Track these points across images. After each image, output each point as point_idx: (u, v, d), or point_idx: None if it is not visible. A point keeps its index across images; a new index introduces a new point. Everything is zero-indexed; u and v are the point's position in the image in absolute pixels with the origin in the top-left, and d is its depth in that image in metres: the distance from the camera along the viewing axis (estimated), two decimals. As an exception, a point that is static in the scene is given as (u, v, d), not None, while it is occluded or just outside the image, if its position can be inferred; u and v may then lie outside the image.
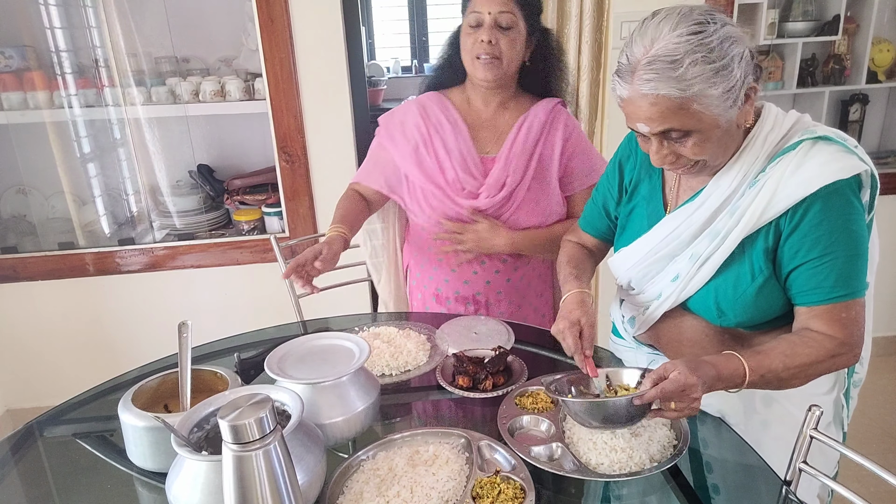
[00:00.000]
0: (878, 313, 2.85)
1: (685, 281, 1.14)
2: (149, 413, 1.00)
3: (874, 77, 2.65)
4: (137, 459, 1.04)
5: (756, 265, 1.07)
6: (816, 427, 1.02)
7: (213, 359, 1.43)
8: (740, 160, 1.07)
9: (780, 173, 1.03)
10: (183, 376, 1.10)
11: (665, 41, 0.95)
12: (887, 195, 2.70)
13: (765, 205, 1.03)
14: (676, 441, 1.03)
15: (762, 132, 1.06)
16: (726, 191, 1.08)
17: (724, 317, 1.13)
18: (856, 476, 1.11)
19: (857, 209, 1.02)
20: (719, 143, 1.02)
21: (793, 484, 1.05)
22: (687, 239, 1.13)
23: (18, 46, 2.42)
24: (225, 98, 2.48)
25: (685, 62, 0.93)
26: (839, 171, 1.00)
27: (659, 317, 1.22)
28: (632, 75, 0.98)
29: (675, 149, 1.03)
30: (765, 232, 1.06)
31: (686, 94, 0.94)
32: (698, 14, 0.97)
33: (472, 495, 0.92)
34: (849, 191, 1.01)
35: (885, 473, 0.95)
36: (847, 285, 1.02)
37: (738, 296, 1.09)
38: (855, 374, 1.19)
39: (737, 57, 0.95)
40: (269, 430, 0.74)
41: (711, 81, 0.94)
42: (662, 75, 0.94)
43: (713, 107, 0.96)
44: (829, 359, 1.01)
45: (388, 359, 1.32)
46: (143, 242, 2.53)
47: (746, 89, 0.99)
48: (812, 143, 1.03)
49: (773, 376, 0.99)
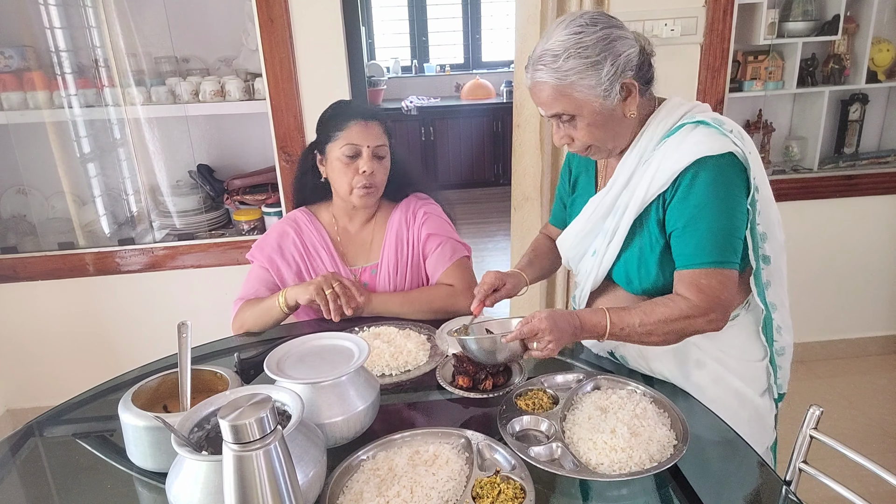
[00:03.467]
0: (878, 313, 2.88)
1: (600, 256, 1.29)
2: (149, 413, 1.00)
3: (874, 77, 2.66)
4: (137, 459, 1.04)
5: (653, 236, 1.21)
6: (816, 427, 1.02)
7: (213, 359, 1.43)
8: (639, 145, 1.22)
9: (663, 153, 1.18)
10: (183, 376, 1.10)
11: (553, 39, 1.14)
12: (887, 195, 2.71)
13: (649, 181, 1.18)
14: (676, 441, 1.03)
15: (656, 120, 1.22)
16: (627, 172, 1.23)
17: (631, 284, 1.28)
18: (856, 476, 1.11)
19: (730, 185, 1.13)
20: (605, 129, 1.19)
21: (793, 484, 1.05)
22: (601, 217, 1.28)
23: (18, 46, 2.42)
24: (225, 98, 2.48)
25: (562, 56, 1.12)
26: (708, 149, 1.12)
27: (588, 291, 1.35)
28: (530, 67, 1.17)
29: (568, 131, 1.20)
30: (655, 205, 1.20)
31: (563, 82, 1.13)
32: (586, 18, 1.14)
33: (472, 495, 0.92)
34: (718, 168, 1.12)
35: (885, 473, 0.95)
36: (705, 254, 1.13)
37: (642, 265, 1.24)
38: (775, 343, 1.28)
39: (610, 56, 1.12)
40: (269, 430, 0.74)
41: (585, 73, 1.12)
42: (547, 67, 1.13)
43: (588, 95, 1.14)
44: (683, 318, 1.13)
45: (388, 359, 1.32)
46: (143, 242, 2.53)
47: (622, 83, 1.13)
48: (692, 127, 1.17)
49: (630, 330, 1.14)
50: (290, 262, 1.63)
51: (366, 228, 1.69)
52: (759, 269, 1.22)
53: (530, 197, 2.46)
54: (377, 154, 1.56)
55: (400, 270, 1.65)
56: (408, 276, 1.65)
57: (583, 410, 1.11)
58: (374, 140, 1.55)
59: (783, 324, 1.28)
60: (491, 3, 5.71)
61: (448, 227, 1.69)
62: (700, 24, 2.37)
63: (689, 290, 1.14)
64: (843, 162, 2.73)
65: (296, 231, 1.65)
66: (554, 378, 1.23)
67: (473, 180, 5.57)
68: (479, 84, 5.49)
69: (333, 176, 1.59)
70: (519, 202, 2.49)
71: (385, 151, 1.58)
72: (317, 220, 1.68)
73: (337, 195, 1.64)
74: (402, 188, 1.71)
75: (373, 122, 1.56)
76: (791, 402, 2.58)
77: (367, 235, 1.68)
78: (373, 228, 1.69)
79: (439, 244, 1.63)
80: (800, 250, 2.77)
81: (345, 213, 1.67)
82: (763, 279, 1.23)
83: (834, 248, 2.77)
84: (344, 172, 1.56)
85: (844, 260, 2.80)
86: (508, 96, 5.33)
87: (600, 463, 0.98)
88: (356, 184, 1.55)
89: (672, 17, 2.33)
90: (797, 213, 2.70)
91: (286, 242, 1.64)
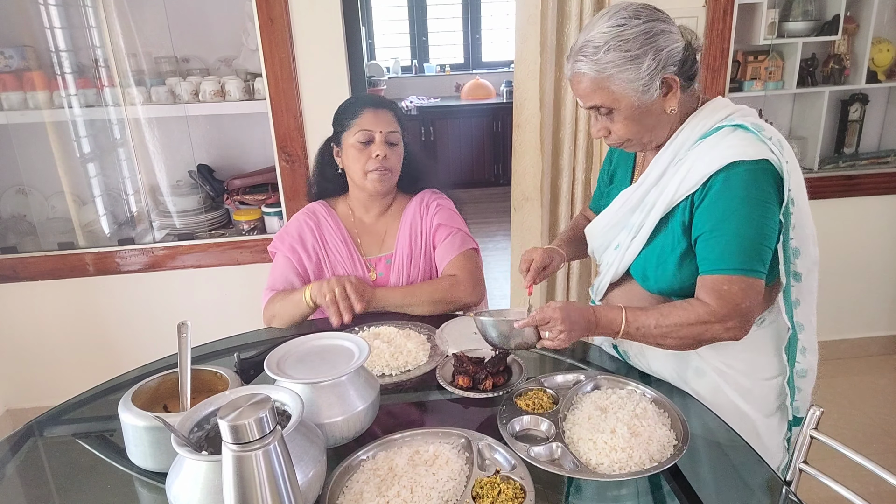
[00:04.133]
0: (879, 313, 2.87)
1: (623, 250, 1.27)
2: (149, 413, 1.00)
3: (874, 77, 2.66)
4: (138, 459, 1.04)
5: (675, 237, 1.19)
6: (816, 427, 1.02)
7: (213, 359, 1.43)
8: (675, 143, 1.19)
9: (697, 154, 1.15)
10: (183, 376, 1.10)
11: (595, 30, 1.12)
12: (887, 195, 2.71)
13: (680, 181, 1.16)
14: (676, 441, 1.03)
15: (696, 119, 1.19)
16: (659, 169, 1.21)
17: (647, 282, 1.26)
18: (856, 476, 1.11)
19: (763, 193, 1.09)
20: (642, 124, 1.16)
21: (793, 484, 1.05)
22: (629, 211, 1.27)
23: (18, 46, 2.42)
24: (225, 98, 2.48)
25: (602, 48, 1.10)
26: (743, 153, 1.09)
27: (608, 283, 1.34)
28: (571, 58, 1.15)
29: (606, 124, 1.19)
30: (682, 206, 1.17)
31: (602, 74, 1.11)
32: (630, 10, 1.12)
33: (472, 495, 0.92)
34: (752, 174, 1.09)
35: (885, 473, 0.95)
36: (730, 260, 1.10)
37: (661, 264, 1.21)
38: (797, 364, 1.23)
39: (651, 50, 1.09)
40: (269, 430, 0.73)
41: (624, 67, 1.10)
42: (588, 58, 1.11)
43: (627, 89, 1.11)
44: (700, 324, 1.11)
45: (388, 359, 1.32)
46: (143, 242, 2.53)
47: (663, 79, 1.11)
48: (731, 130, 1.14)
49: (646, 330, 1.13)
50: (310, 254, 1.66)
51: (381, 220, 1.72)
52: (789, 286, 1.17)
53: (530, 197, 2.46)
54: (389, 140, 1.60)
55: (414, 261, 1.67)
56: (421, 266, 1.68)
57: (583, 410, 1.11)
58: (386, 126, 1.59)
59: (808, 346, 1.22)
60: (491, 3, 5.71)
61: (459, 219, 1.73)
62: (700, 23, 2.37)
63: (710, 296, 1.11)
64: (844, 162, 2.73)
65: (315, 223, 1.69)
66: (554, 378, 1.23)
67: (473, 180, 5.57)
68: (479, 84, 5.49)
69: (349, 163, 1.63)
70: (519, 202, 2.49)
71: (397, 138, 1.62)
72: (334, 211, 1.72)
73: (353, 184, 1.68)
74: (417, 181, 1.75)
75: (384, 110, 1.62)
76: (791, 402, 2.59)
77: (382, 226, 1.72)
78: (388, 220, 1.72)
79: (448, 234, 1.66)
80: (800, 250, 2.77)
81: (361, 204, 1.71)
82: (792, 297, 1.18)
83: (834, 248, 2.77)
84: (358, 158, 1.60)
85: (844, 260, 2.80)
86: (508, 96, 5.33)
87: (600, 463, 0.98)
88: (370, 167, 1.59)
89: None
90: (797, 213, 2.70)
91: (306, 234, 1.68)
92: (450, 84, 5.71)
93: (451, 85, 5.71)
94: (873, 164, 2.71)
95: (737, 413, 1.23)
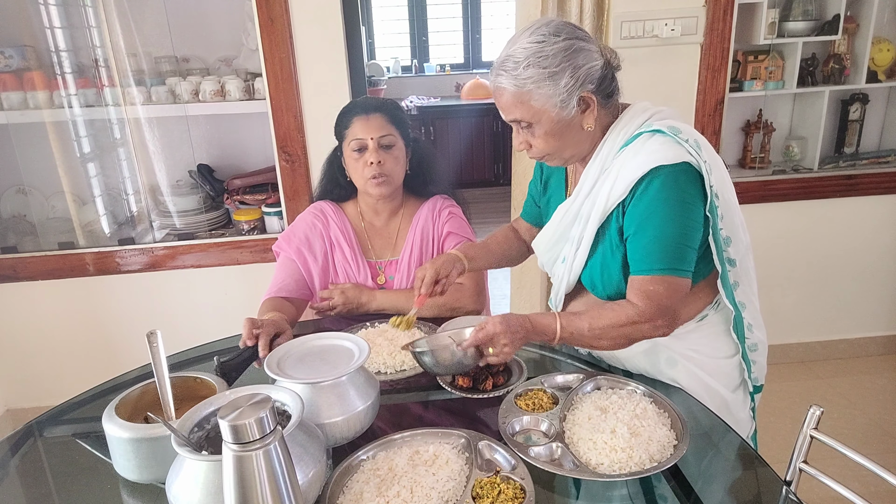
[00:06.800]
0: (878, 313, 2.87)
1: (570, 262, 1.30)
2: (152, 416, 0.99)
3: (874, 77, 2.65)
4: (124, 471, 1.02)
5: (613, 243, 1.22)
6: (817, 427, 1.02)
7: (192, 365, 1.40)
8: (601, 154, 1.22)
9: (621, 162, 1.18)
10: (162, 385, 1.07)
11: (517, 45, 1.14)
12: (887, 195, 2.71)
13: (609, 189, 1.19)
14: (676, 441, 1.03)
15: (616, 129, 1.22)
16: (590, 181, 1.24)
17: (596, 290, 1.28)
18: (856, 476, 1.11)
19: (683, 194, 1.13)
20: (562, 139, 1.19)
21: (793, 484, 1.05)
22: (568, 225, 1.30)
23: (18, 46, 2.42)
24: (225, 98, 2.48)
25: (522, 64, 1.12)
26: (663, 157, 1.12)
27: (563, 295, 1.36)
28: (494, 70, 1.17)
29: (526, 137, 1.21)
30: (615, 214, 1.21)
31: (522, 89, 1.13)
32: (550, 27, 1.14)
33: (472, 495, 0.92)
34: (672, 176, 1.12)
35: (885, 473, 0.95)
36: (654, 261, 1.14)
37: (605, 272, 1.24)
38: (747, 340, 1.29)
39: (570, 68, 1.12)
40: (269, 430, 0.73)
41: (543, 83, 1.12)
42: (508, 72, 1.14)
43: (546, 104, 1.14)
44: (630, 324, 1.14)
45: (385, 357, 1.32)
46: (143, 242, 2.53)
47: (581, 97, 1.14)
48: (649, 136, 1.17)
49: (579, 334, 1.15)
50: (317, 257, 1.67)
51: (392, 223, 1.73)
52: (726, 271, 1.22)
53: (530, 197, 2.46)
54: (382, 143, 1.59)
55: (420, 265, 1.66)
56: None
57: (583, 410, 1.11)
58: (377, 131, 1.58)
59: (754, 321, 1.30)
60: (491, 3, 5.70)
61: (469, 229, 1.74)
62: (700, 23, 2.37)
63: (638, 297, 1.15)
64: (844, 162, 2.73)
65: (323, 223, 1.70)
66: (554, 378, 1.23)
67: (473, 180, 5.57)
68: (479, 84, 5.48)
69: (350, 171, 1.65)
70: (519, 202, 2.49)
71: (391, 141, 1.60)
72: (342, 212, 1.73)
73: (359, 190, 1.69)
74: (427, 183, 1.74)
75: (374, 115, 1.60)
76: (791, 402, 2.59)
77: (392, 230, 1.73)
78: (399, 223, 1.73)
79: (457, 244, 1.67)
80: (800, 250, 2.77)
81: (370, 207, 1.72)
82: (730, 280, 1.24)
83: (834, 248, 2.77)
84: (356, 167, 1.61)
85: (844, 260, 2.79)
86: (508, 96, 5.31)
87: (600, 463, 0.99)
88: (367, 174, 1.59)
89: (672, 17, 2.33)
90: (797, 213, 2.70)
91: (314, 235, 1.68)
92: (450, 84, 5.71)
93: (451, 85, 5.71)
94: (873, 164, 2.71)
95: (709, 392, 1.28)
